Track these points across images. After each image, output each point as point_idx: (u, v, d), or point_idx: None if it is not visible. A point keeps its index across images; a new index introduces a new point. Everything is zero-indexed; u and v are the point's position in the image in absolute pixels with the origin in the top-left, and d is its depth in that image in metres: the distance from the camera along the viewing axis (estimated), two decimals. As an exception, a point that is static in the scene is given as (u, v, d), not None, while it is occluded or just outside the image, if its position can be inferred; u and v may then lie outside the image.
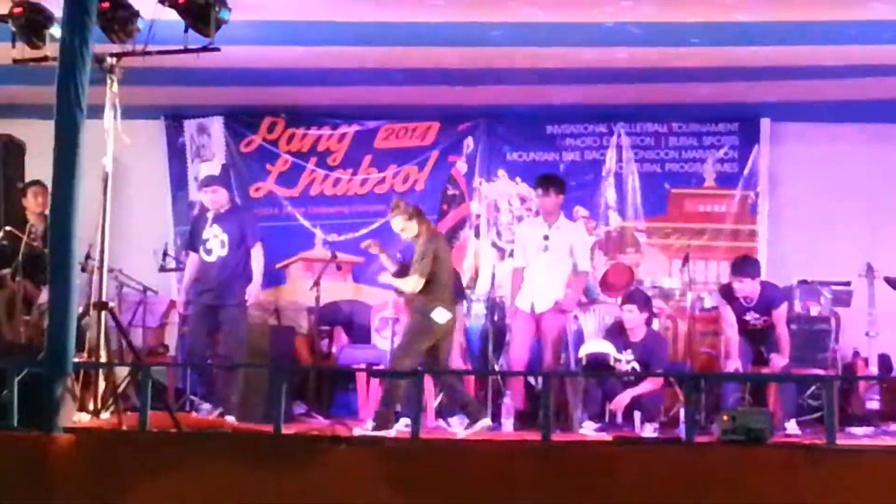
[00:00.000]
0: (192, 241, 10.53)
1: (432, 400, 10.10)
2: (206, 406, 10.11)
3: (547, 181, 10.29)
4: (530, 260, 10.21)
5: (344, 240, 12.29)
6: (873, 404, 10.06)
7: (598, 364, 9.52)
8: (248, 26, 8.48)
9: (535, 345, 10.11)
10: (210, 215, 10.27)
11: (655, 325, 10.53)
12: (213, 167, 11.21)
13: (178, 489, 5.86)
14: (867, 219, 11.44)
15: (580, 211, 12.04)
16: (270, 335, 10.54)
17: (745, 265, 10.18)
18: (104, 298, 7.56)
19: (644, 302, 10.15)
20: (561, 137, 12.24)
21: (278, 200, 12.55)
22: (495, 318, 10.60)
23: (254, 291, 10.24)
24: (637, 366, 9.76)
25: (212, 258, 10.19)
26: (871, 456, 6.05)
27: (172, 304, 11.31)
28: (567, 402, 9.81)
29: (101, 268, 7.60)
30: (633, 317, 9.97)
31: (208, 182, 10.43)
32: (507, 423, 9.58)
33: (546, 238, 10.11)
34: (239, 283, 10.16)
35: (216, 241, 10.17)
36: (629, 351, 9.82)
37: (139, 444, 6.26)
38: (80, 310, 7.10)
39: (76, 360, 6.59)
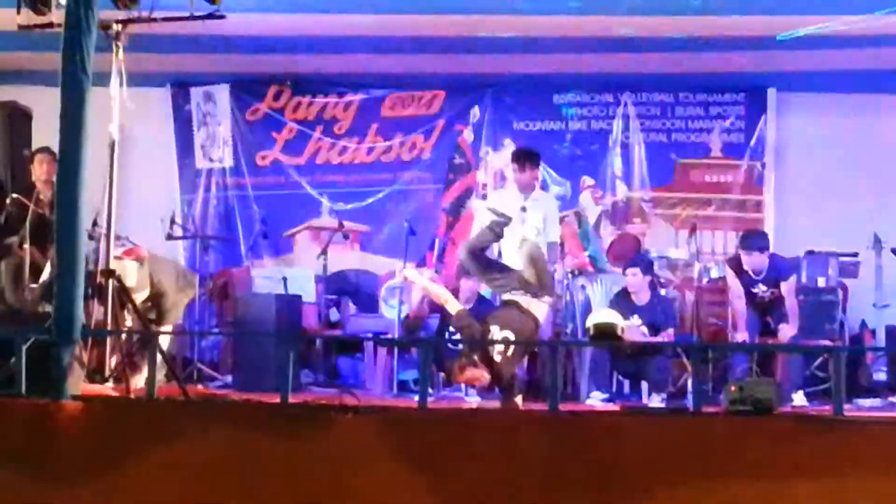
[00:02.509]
0: None
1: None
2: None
3: (522, 156, 9.98)
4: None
5: (351, 208, 12.31)
6: (881, 376, 10.04)
7: (605, 334, 9.51)
8: (254, -7, 8.45)
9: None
10: None
11: (662, 293, 10.51)
12: None
13: (184, 457, 5.85)
14: (875, 189, 11.38)
15: (587, 181, 12.04)
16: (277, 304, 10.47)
17: (753, 239, 10.15)
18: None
19: (647, 265, 10.18)
20: (567, 107, 12.22)
21: (284, 169, 12.55)
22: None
23: None
24: (647, 330, 9.77)
25: None
26: (878, 427, 6.02)
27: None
28: (574, 372, 9.82)
29: (107, 235, 7.58)
30: (636, 280, 9.98)
31: None
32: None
33: (524, 210, 9.92)
34: None
35: None
36: (636, 316, 9.83)
37: (146, 412, 6.25)
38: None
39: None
